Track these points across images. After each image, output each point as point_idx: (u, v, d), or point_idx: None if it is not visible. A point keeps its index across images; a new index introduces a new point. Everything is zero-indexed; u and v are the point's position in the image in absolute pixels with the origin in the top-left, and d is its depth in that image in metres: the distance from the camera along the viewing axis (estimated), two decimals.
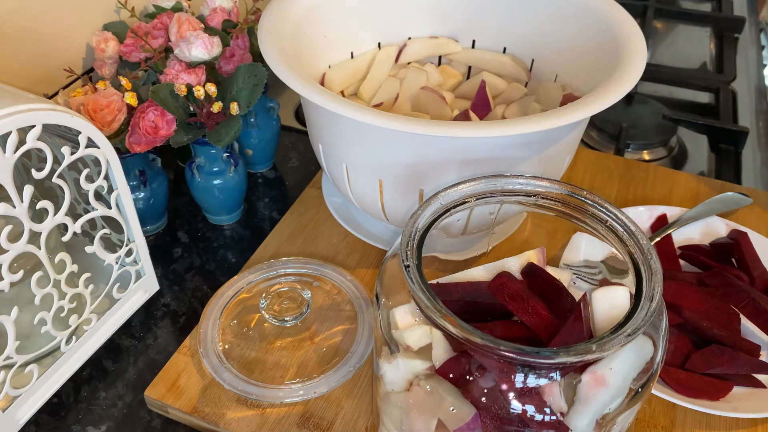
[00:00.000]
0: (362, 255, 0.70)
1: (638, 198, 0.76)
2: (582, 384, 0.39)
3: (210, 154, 0.69)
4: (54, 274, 0.53)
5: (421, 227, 0.44)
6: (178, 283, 0.69)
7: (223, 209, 0.74)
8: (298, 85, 0.55)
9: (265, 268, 0.66)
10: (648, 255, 0.42)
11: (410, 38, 0.76)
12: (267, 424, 0.55)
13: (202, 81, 0.64)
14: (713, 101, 0.99)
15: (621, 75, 0.56)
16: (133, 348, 0.63)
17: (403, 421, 0.45)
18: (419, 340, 0.42)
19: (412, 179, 0.58)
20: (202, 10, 0.74)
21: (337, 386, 0.57)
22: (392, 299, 0.44)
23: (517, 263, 0.48)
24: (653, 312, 0.38)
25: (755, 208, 0.74)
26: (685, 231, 0.68)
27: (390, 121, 0.51)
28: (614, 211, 0.45)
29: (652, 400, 0.56)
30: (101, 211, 0.56)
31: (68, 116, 0.49)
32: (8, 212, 0.47)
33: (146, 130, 0.61)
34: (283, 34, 0.63)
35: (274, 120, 0.80)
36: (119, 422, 0.57)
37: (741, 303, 0.59)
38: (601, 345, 0.37)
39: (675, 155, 0.89)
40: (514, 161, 0.57)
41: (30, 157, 0.58)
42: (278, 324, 0.61)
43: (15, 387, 0.53)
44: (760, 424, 0.55)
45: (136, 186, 0.69)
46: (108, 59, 0.70)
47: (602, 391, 0.39)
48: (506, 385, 0.39)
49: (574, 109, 0.52)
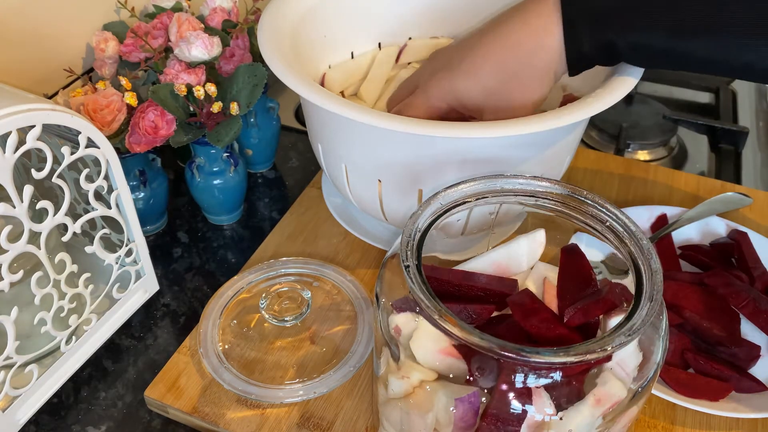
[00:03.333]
0: (362, 255, 0.70)
1: (638, 198, 0.76)
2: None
3: (210, 154, 0.69)
4: (54, 274, 0.53)
5: (421, 227, 0.44)
6: (178, 283, 0.69)
7: (223, 209, 0.74)
8: (298, 85, 0.55)
9: (265, 268, 0.66)
10: (648, 255, 0.42)
11: (410, 38, 0.76)
12: (267, 424, 0.55)
13: (202, 81, 0.64)
14: (713, 101, 1.00)
15: (621, 75, 0.56)
16: (133, 348, 0.63)
17: (402, 421, 0.45)
18: (426, 356, 0.42)
19: (411, 179, 0.58)
20: (202, 10, 0.74)
21: (337, 386, 0.57)
22: (392, 299, 0.44)
23: (527, 246, 0.49)
24: (653, 312, 0.38)
25: (755, 208, 0.74)
26: (685, 231, 0.68)
27: (389, 121, 0.51)
28: (614, 211, 0.45)
29: (652, 400, 0.56)
30: (101, 211, 0.56)
31: (68, 116, 0.49)
32: (8, 212, 0.47)
33: (146, 130, 0.61)
34: (283, 34, 0.63)
35: (274, 120, 0.80)
36: (119, 422, 0.57)
37: (741, 303, 0.59)
38: (602, 345, 0.37)
39: (675, 155, 0.89)
40: (514, 162, 0.57)
41: (30, 157, 0.58)
42: (278, 324, 0.61)
43: (15, 387, 0.53)
44: (760, 424, 0.55)
45: (136, 186, 0.69)
46: (108, 59, 0.70)
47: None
48: (506, 385, 0.39)
49: (574, 110, 0.52)
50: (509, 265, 0.49)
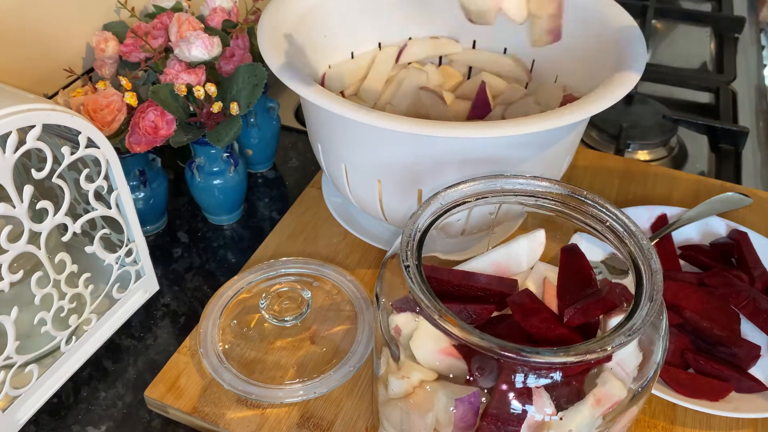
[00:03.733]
0: (362, 255, 0.70)
1: (638, 198, 0.76)
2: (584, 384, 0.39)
3: (210, 154, 0.69)
4: (54, 274, 0.53)
5: (421, 227, 0.44)
6: (178, 283, 0.69)
7: (223, 209, 0.74)
8: (297, 84, 0.55)
9: (265, 268, 0.66)
10: (648, 255, 0.42)
11: (411, 38, 0.76)
12: (267, 424, 0.55)
13: (202, 81, 0.64)
14: (713, 101, 0.99)
15: (621, 76, 0.56)
16: (133, 348, 0.63)
17: (403, 421, 0.45)
18: (426, 356, 0.42)
19: (410, 179, 0.58)
20: (202, 10, 0.74)
21: (337, 386, 0.57)
22: (392, 299, 0.44)
23: (527, 246, 0.49)
24: (653, 312, 0.38)
25: (755, 208, 0.74)
26: (685, 231, 0.68)
27: (388, 121, 0.51)
28: (614, 211, 0.45)
29: (652, 400, 0.56)
30: (101, 211, 0.56)
31: (68, 116, 0.49)
32: (8, 212, 0.47)
33: (146, 130, 0.61)
34: (283, 34, 0.63)
35: (274, 120, 0.80)
36: (119, 422, 0.57)
37: (741, 303, 0.59)
38: (602, 345, 0.37)
39: (675, 155, 0.89)
40: (513, 162, 0.57)
41: (30, 157, 0.58)
42: (278, 324, 0.61)
43: (15, 387, 0.53)
44: (760, 424, 0.55)
45: (136, 186, 0.69)
46: (108, 59, 0.70)
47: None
48: (506, 385, 0.39)
49: (574, 110, 0.52)
50: (509, 265, 0.49)
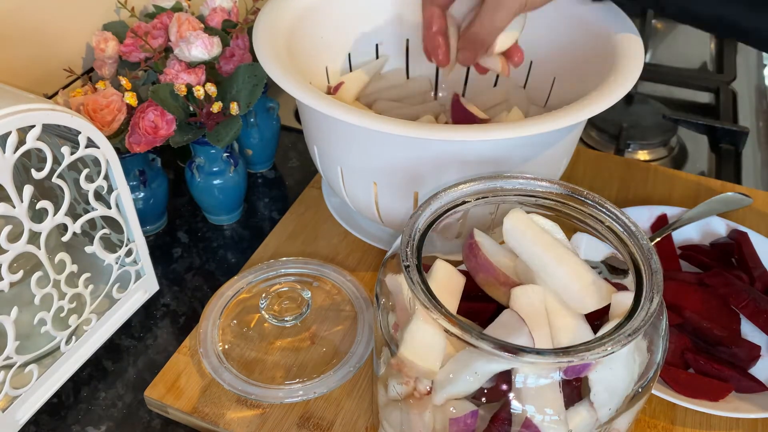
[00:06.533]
0: (362, 255, 0.70)
1: (638, 198, 0.76)
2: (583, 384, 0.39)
3: (210, 154, 0.69)
4: (54, 274, 0.53)
5: (421, 227, 0.44)
6: (178, 283, 0.69)
7: (223, 209, 0.74)
8: (292, 87, 0.55)
9: (265, 268, 0.66)
10: (648, 255, 0.42)
11: (408, 39, 0.76)
12: (267, 424, 0.55)
13: (202, 81, 0.64)
14: (713, 101, 0.99)
15: (618, 77, 0.56)
16: (133, 348, 0.63)
17: (403, 422, 0.45)
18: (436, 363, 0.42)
19: (406, 182, 0.57)
20: (202, 10, 0.74)
21: (337, 386, 0.57)
22: (392, 300, 0.44)
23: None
24: (653, 312, 0.38)
25: (755, 208, 0.74)
26: (685, 231, 0.68)
27: (384, 124, 0.51)
28: (614, 211, 0.45)
29: (652, 400, 0.56)
30: (101, 211, 0.56)
31: (68, 116, 0.49)
32: (8, 212, 0.47)
33: (146, 130, 0.61)
34: (279, 36, 0.63)
35: (274, 120, 0.80)
36: (119, 422, 0.57)
37: (741, 303, 0.59)
38: (602, 345, 0.37)
39: (675, 155, 0.89)
40: (510, 164, 0.56)
41: (30, 157, 0.58)
42: (278, 324, 0.61)
43: (15, 387, 0.53)
44: (760, 424, 0.55)
45: (136, 186, 0.69)
46: (108, 59, 0.70)
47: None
48: (506, 385, 0.39)
49: (574, 110, 0.52)
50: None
